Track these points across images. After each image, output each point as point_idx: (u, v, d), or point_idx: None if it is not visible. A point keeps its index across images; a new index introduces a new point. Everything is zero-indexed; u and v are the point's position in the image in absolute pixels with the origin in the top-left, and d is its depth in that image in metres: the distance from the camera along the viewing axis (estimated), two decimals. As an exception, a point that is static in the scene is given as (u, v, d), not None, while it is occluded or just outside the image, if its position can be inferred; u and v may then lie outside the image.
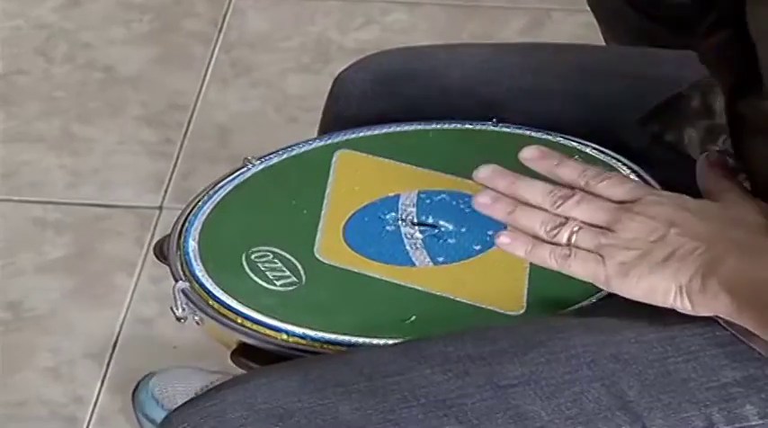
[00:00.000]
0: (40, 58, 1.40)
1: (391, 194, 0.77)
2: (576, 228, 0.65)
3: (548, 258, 0.66)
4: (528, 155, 0.68)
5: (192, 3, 1.51)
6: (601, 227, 0.65)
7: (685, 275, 0.62)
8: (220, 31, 1.49)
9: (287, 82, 1.39)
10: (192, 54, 1.46)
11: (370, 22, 1.45)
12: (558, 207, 0.66)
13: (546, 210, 0.67)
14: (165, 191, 1.29)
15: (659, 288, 0.63)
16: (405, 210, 0.76)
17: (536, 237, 0.66)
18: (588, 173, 0.66)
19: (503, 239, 0.67)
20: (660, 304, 0.63)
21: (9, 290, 1.23)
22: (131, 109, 1.41)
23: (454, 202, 0.75)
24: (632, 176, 0.74)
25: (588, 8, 1.03)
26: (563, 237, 0.65)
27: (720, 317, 0.63)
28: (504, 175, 0.68)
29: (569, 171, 0.67)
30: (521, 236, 0.67)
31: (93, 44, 1.49)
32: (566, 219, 0.65)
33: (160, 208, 1.25)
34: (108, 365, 1.17)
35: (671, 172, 0.72)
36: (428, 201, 0.76)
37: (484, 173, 0.68)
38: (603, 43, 1.04)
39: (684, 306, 0.62)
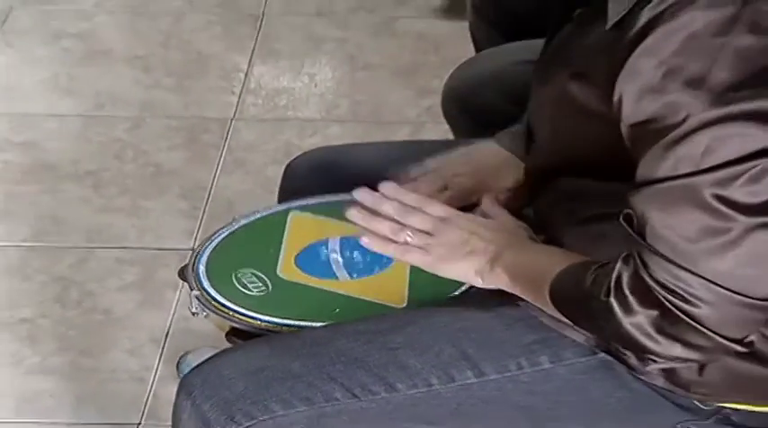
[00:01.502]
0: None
1: (323, 238, 1.09)
2: (410, 232, 0.95)
3: (393, 251, 0.96)
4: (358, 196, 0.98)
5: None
6: (427, 233, 0.96)
7: (480, 263, 0.93)
8: (226, 140, 2.01)
9: (268, 170, 1.88)
10: (207, 154, 1.98)
11: (316, 132, 2.04)
12: (402, 218, 0.96)
13: (395, 220, 0.96)
14: (195, 239, 1.78)
15: (465, 271, 0.94)
16: (332, 247, 1.08)
17: (387, 238, 0.96)
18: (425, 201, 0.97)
19: (365, 240, 0.97)
20: (467, 281, 0.96)
21: (102, 302, 1.69)
22: (172, 190, 1.91)
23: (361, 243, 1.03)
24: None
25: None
26: (402, 238, 0.95)
27: (531, 304, 0.93)
28: (372, 195, 0.98)
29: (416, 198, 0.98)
30: (377, 238, 0.97)
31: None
32: (405, 226, 0.95)
33: (192, 249, 1.48)
34: (163, 347, 1.62)
35: None
36: (346, 242, 1.07)
37: (359, 194, 0.98)
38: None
39: (482, 282, 0.94)
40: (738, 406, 0.96)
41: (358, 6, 2.42)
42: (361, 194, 1.00)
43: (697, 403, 0.95)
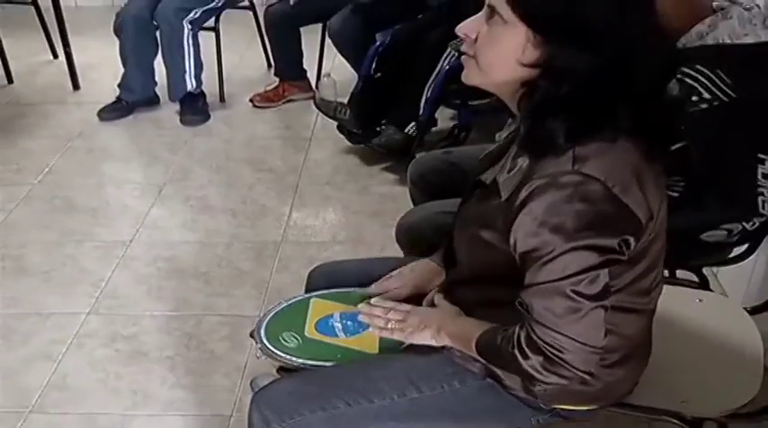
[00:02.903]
0: None
1: (330, 313, 1.41)
2: (392, 321, 1.31)
3: (383, 332, 1.31)
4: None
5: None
6: (400, 320, 1.30)
7: (432, 333, 1.27)
8: (277, 252, 2.67)
9: (301, 272, 2.12)
10: (265, 261, 2.63)
11: (327, 249, 2.69)
12: (386, 314, 1.32)
13: (383, 316, 1.31)
14: (260, 311, 2.29)
15: (424, 338, 1.28)
16: (336, 318, 1.41)
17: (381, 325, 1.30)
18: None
19: (362, 317, 1.33)
20: (427, 343, 1.27)
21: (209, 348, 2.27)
22: (247, 285, 2.54)
23: (354, 315, 1.38)
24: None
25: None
26: (387, 324, 1.30)
27: (451, 350, 1.23)
28: (369, 307, 1.32)
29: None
30: (373, 319, 1.31)
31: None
32: (388, 319, 1.31)
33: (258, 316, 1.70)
34: (243, 374, 2.11)
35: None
36: (344, 315, 1.41)
37: (363, 308, 1.35)
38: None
39: (435, 343, 1.26)
40: (564, 407, 1.28)
41: (348, 179, 3.18)
42: (365, 307, 1.35)
43: (542, 405, 1.27)
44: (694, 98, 1.45)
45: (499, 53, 1.12)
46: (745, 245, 1.75)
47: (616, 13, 1.05)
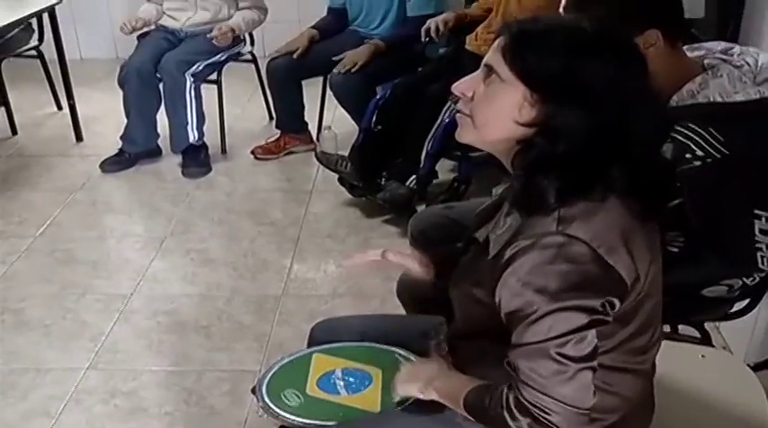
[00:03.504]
0: None
1: (332, 369, 1.43)
2: None
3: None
4: None
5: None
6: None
7: (420, 386, 1.29)
8: (277, 308, 2.69)
9: (302, 326, 2.41)
10: (266, 315, 2.67)
11: (327, 303, 2.74)
12: None
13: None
14: (261, 365, 2.36)
15: (414, 391, 1.31)
16: (337, 375, 1.42)
17: None
18: None
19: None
20: (418, 396, 1.29)
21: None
22: (248, 338, 2.59)
23: (356, 372, 1.40)
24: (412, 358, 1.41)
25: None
26: None
27: (448, 409, 1.22)
28: None
29: None
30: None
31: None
32: None
33: (259, 372, 2.26)
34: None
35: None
36: (346, 372, 1.43)
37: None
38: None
39: (425, 396, 1.28)
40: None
41: (349, 232, 3.21)
42: None
43: None
44: (688, 155, 1.46)
45: (496, 111, 1.13)
46: (747, 301, 1.76)
47: (614, 75, 1.07)
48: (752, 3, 2.72)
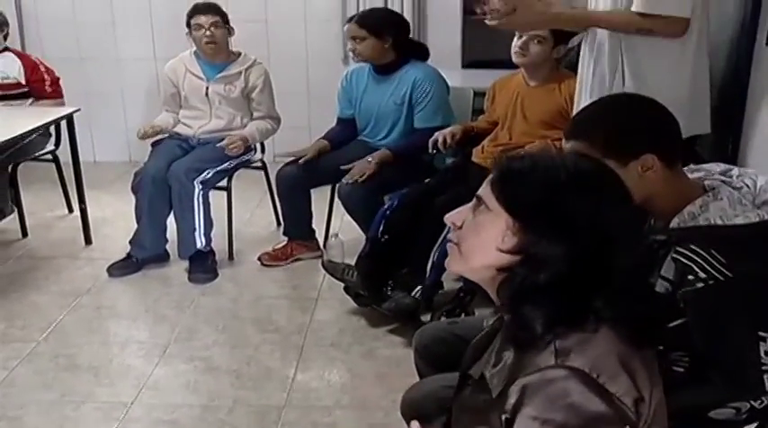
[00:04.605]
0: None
1: None
2: None
3: None
4: None
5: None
6: None
7: None
8: (280, 418, 2.70)
9: None
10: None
11: (330, 415, 2.75)
12: None
13: None
14: None
15: None
16: None
17: None
18: None
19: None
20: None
21: None
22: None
23: None
24: None
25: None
26: None
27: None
28: None
29: None
30: None
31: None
32: None
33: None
34: None
35: None
36: None
37: None
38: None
39: None
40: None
41: (353, 341, 3.21)
42: None
43: None
44: (690, 277, 1.47)
45: (480, 240, 1.19)
46: (755, 424, 1.70)
47: (594, 208, 1.12)
48: (749, 120, 2.82)
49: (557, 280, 1.10)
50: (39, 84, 4.41)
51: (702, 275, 1.48)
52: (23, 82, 4.39)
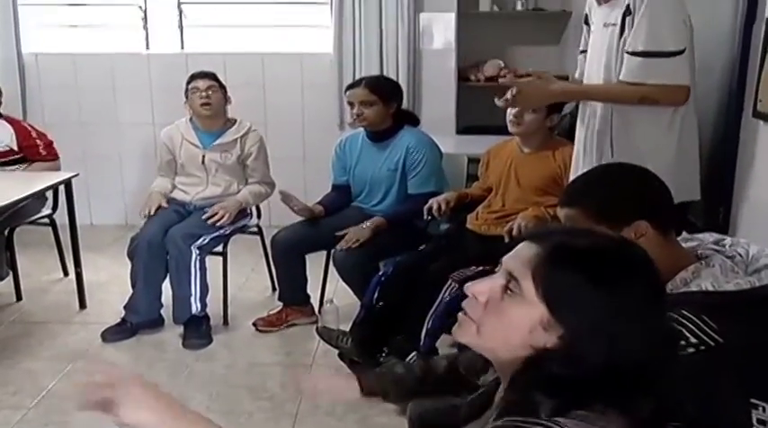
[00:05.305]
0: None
1: None
2: None
3: None
4: None
5: None
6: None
7: None
8: None
9: None
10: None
11: None
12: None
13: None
14: None
15: None
16: None
17: None
18: None
19: None
20: None
21: None
22: None
23: None
24: None
25: None
26: None
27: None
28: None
29: None
30: None
31: None
32: None
33: None
34: None
35: None
36: None
37: None
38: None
39: None
40: None
41: (347, 409, 3.15)
42: None
43: None
44: (681, 342, 1.45)
45: (506, 328, 1.10)
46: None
47: (642, 311, 1.09)
48: (739, 191, 2.86)
49: (583, 375, 1.04)
50: (32, 149, 4.45)
51: (694, 340, 1.48)
52: (16, 148, 4.43)
